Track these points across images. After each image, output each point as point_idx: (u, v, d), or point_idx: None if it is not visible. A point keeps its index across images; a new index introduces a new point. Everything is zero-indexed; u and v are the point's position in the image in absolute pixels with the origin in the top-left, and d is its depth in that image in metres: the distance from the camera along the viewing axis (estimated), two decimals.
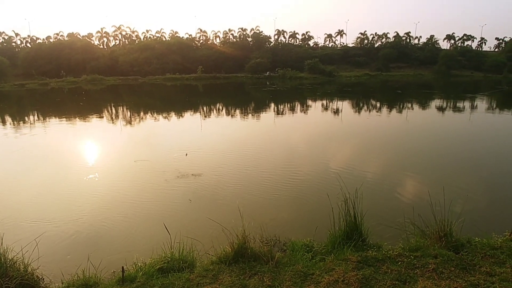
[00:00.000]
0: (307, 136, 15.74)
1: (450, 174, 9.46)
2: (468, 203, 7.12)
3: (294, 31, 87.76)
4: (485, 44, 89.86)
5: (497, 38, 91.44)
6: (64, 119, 21.58)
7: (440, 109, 25.51)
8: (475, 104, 28.54)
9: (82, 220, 6.60)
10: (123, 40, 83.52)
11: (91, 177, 9.33)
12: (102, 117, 22.59)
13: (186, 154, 11.32)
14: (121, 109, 28.08)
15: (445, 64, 69.15)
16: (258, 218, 5.78)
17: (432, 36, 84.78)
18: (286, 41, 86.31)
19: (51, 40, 76.83)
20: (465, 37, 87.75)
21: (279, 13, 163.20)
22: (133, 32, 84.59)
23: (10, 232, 4.15)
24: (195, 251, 4.31)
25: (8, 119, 22.60)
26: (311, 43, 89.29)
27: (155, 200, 7.60)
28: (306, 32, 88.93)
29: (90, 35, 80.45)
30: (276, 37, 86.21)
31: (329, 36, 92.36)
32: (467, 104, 28.61)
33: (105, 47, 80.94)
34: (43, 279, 3.92)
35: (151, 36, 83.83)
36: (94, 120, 20.84)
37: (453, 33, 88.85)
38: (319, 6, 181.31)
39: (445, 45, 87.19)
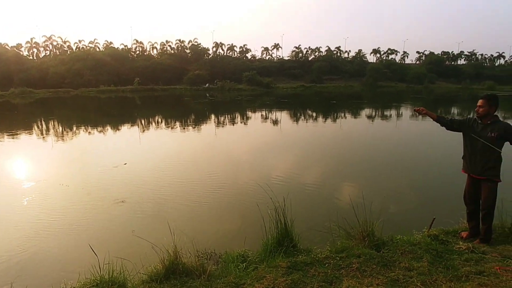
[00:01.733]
0: (242, 147, 15.94)
1: (376, 177, 10.25)
2: (390, 203, 7.77)
3: (232, 44, 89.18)
4: (407, 57, 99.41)
5: (418, 52, 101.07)
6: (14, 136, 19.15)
7: (370, 117, 27.70)
8: (400, 112, 31.48)
9: (3, 246, 5.95)
10: (54, 51, 77.59)
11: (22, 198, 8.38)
12: (31, 133, 20.47)
13: (125, 163, 10.92)
14: (52, 123, 25.75)
15: (372, 76, 75.26)
16: (190, 232, 5.65)
17: (360, 51, 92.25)
18: (225, 54, 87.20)
19: None
20: (389, 51, 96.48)
21: (216, 26, 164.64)
22: (64, 42, 79.09)
23: None
24: (125, 271, 4.05)
25: None
26: (248, 55, 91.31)
27: (82, 220, 7.07)
28: (244, 45, 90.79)
29: (19, 46, 73.53)
30: (214, 49, 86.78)
31: (266, 49, 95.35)
32: (393, 112, 31.44)
33: (35, 58, 74.45)
34: None
35: (84, 47, 79.04)
36: (21, 137, 18.79)
37: (379, 47, 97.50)
38: (255, 20, 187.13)
39: (371, 58, 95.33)
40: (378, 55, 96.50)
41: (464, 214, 5.00)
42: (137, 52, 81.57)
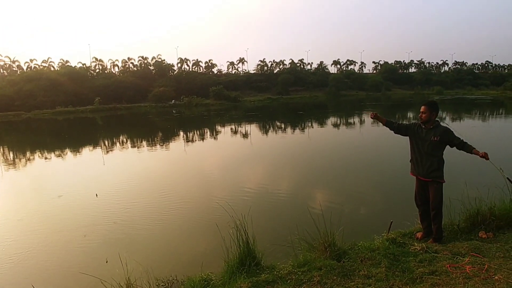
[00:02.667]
0: (205, 163, 15.73)
1: (337, 185, 10.44)
2: (351, 210, 7.88)
3: (197, 59, 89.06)
4: (365, 67, 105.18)
5: (374, 62, 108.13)
6: None
7: (335, 125, 28.44)
8: (363, 119, 32.63)
9: None
10: (1, 71, 73.24)
11: None
12: None
13: (96, 195, 10.12)
14: (2, 150, 24.09)
15: (334, 86, 78.71)
16: (146, 260, 5.38)
17: (321, 62, 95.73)
18: (190, 69, 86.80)
19: None
20: (348, 62, 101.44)
21: (180, 42, 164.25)
22: (13, 62, 74.96)
23: None
24: None
25: None
26: (215, 70, 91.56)
27: (24, 254, 6.55)
28: (209, 60, 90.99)
29: None
30: (179, 65, 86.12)
31: (232, 63, 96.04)
32: (356, 119, 32.53)
33: None
34: None
35: (37, 66, 75.47)
36: None
37: (339, 59, 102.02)
38: (220, 35, 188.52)
39: (333, 69, 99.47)
40: (339, 66, 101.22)
41: (418, 215, 5.18)
42: (97, 70, 79.14)
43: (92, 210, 9.03)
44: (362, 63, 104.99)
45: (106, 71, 78.99)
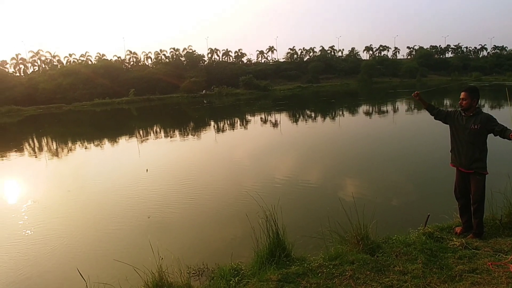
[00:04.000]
0: (236, 154, 15.74)
1: (371, 176, 10.09)
2: (385, 202, 7.61)
3: (227, 49, 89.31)
4: (399, 53, 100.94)
5: (408, 47, 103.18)
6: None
7: (367, 113, 27.57)
8: (396, 106, 31.41)
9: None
10: (43, 66, 77.24)
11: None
12: (23, 152, 20.32)
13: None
14: (46, 141, 25.64)
15: (366, 73, 75.93)
16: (178, 249, 5.49)
17: (353, 49, 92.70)
18: (220, 59, 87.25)
19: None
20: (381, 48, 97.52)
21: (211, 32, 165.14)
22: (54, 56, 78.88)
23: None
24: None
25: None
26: (244, 60, 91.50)
27: (65, 242, 6.92)
28: (239, 50, 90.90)
29: (3, 63, 72.81)
30: (209, 55, 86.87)
31: (261, 52, 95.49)
32: (389, 107, 31.35)
33: (22, 74, 74.02)
34: None
35: (75, 60, 78.97)
36: (11, 156, 18.65)
37: (371, 44, 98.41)
38: (249, 24, 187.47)
39: (365, 55, 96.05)
40: (371, 52, 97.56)
41: (457, 208, 4.90)
42: (131, 63, 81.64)
43: (126, 199, 9.36)
44: (395, 48, 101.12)
45: (139, 64, 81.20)
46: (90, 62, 77.21)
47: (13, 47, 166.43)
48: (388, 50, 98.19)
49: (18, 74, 73.86)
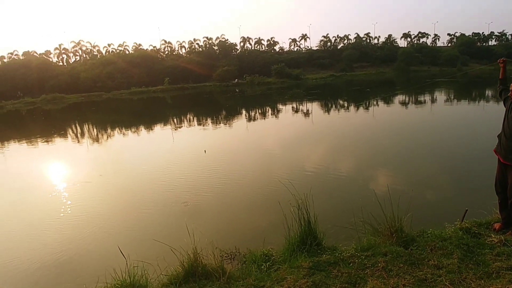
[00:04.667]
0: (268, 142, 15.86)
1: (406, 167, 9.80)
2: (421, 195, 7.39)
3: (259, 38, 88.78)
4: (438, 40, 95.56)
5: (449, 34, 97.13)
6: (26, 142, 20.53)
7: (403, 103, 26.55)
8: (435, 96, 29.99)
9: (33, 251, 6.28)
10: (84, 56, 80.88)
11: (43, 194, 8.98)
12: (67, 137, 21.68)
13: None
14: (87, 127, 27.15)
15: (404, 61, 72.34)
16: (212, 232, 5.69)
17: (390, 36, 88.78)
18: (252, 48, 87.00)
19: (5, 60, 73.08)
20: (420, 35, 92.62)
21: (243, 21, 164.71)
22: (94, 47, 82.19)
23: None
24: (148, 274, 4.14)
25: None
26: (276, 48, 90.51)
27: (107, 223, 7.35)
28: (271, 38, 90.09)
29: (47, 53, 77.25)
30: (242, 44, 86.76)
31: (294, 40, 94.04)
32: (427, 97, 29.98)
33: (64, 64, 77.96)
34: None
35: (114, 50, 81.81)
36: (57, 141, 19.95)
37: (409, 31, 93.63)
38: (282, 12, 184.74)
39: (402, 43, 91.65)
40: (409, 39, 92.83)
41: (497, 203, 4.67)
42: (166, 52, 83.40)
43: (161, 182, 9.77)
44: (435, 35, 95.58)
45: (174, 53, 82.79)
46: (127, 52, 79.76)
47: (56, 38, 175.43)
48: (427, 37, 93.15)
49: (61, 63, 77.96)
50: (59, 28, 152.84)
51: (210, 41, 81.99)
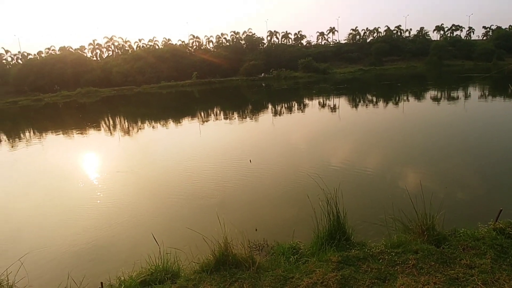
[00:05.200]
0: (295, 136, 15.84)
1: (438, 166, 9.50)
2: (453, 194, 7.18)
3: (286, 31, 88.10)
4: (473, 33, 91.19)
5: (484, 27, 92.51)
6: (62, 133, 21.65)
7: (435, 99, 25.58)
8: (468, 92, 28.66)
9: (70, 236, 6.66)
10: (116, 51, 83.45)
11: (77, 183, 9.76)
12: (100, 129, 22.65)
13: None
14: (119, 120, 28.22)
15: (436, 55, 69.41)
16: (241, 224, 5.81)
17: (422, 28, 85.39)
18: (279, 42, 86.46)
19: (43, 55, 76.58)
20: (453, 28, 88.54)
21: (270, 14, 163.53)
22: (125, 42, 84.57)
23: None
24: (180, 261, 4.33)
25: (5, 136, 22.65)
26: (304, 42, 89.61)
27: (143, 211, 7.66)
28: (299, 32, 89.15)
29: (82, 48, 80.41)
30: (269, 38, 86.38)
31: (321, 34, 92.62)
32: (460, 93, 28.70)
33: (98, 59, 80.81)
34: None
35: (144, 45, 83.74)
36: (91, 133, 20.91)
37: (442, 24, 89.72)
38: (310, 4, 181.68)
39: (435, 36, 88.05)
40: (442, 32, 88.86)
41: None
42: (194, 46, 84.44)
43: (192, 175, 10.02)
44: (470, 28, 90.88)
45: (202, 47, 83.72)
46: (157, 47, 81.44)
47: (90, 33, 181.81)
48: (462, 30, 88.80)
49: (95, 58, 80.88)
50: (93, 24, 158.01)
51: (237, 36, 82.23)
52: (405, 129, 15.32)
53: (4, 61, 76.92)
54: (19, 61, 77.23)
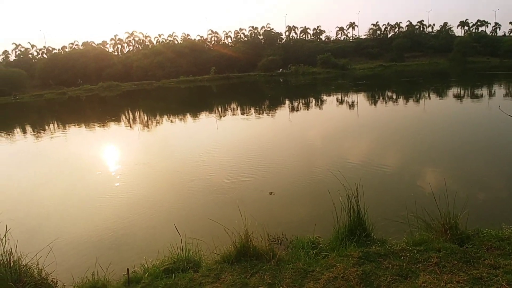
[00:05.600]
0: (314, 132, 15.75)
1: (462, 165, 9.27)
2: (477, 194, 7.01)
3: (305, 26, 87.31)
4: (499, 29, 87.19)
5: (511, 22, 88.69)
6: (84, 126, 22.31)
7: (458, 97, 24.85)
8: (493, 90, 27.71)
9: (94, 224, 6.90)
10: (137, 46, 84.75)
11: (99, 174, 10.14)
12: (120, 122, 23.19)
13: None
14: (139, 114, 28.81)
15: (460, 51, 67.50)
16: (260, 217, 5.86)
17: (445, 24, 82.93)
18: (298, 37, 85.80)
19: (67, 50, 78.79)
20: (479, 23, 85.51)
21: (289, 9, 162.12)
22: (145, 37, 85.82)
23: (24, 239, 4.38)
24: (201, 251, 4.43)
25: (30, 128, 23.52)
26: (322, 37, 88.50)
27: (163, 202, 7.85)
28: (318, 27, 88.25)
29: (104, 43, 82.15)
30: (287, 33, 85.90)
31: (341, 29, 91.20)
32: (484, 91, 27.77)
33: (119, 53, 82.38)
34: (57, 283, 4.13)
35: (164, 40, 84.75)
36: (112, 126, 21.44)
37: (467, 19, 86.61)
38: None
39: (459, 32, 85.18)
40: (466, 27, 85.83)
41: None
42: (213, 42, 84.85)
43: (211, 168, 10.17)
44: (496, 24, 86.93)
45: (220, 43, 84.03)
46: (176, 42, 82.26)
47: (112, 29, 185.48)
48: (487, 26, 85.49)
49: (116, 53, 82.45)
50: (115, 19, 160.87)
51: (255, 31, 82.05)
52: (426, 127, 14.97)
53: (30, 55, 79.66)
54: (44, 55, 79.70)
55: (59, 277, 4.19)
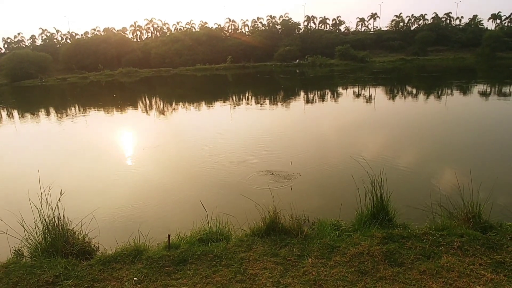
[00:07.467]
0: (334, 123, 15.83)
1: (486, 159, 9.23)
2: (501, 187, 7.00)
3: (324, 17, 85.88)
4: None
5: None
6: (103, 110, 22.91)
7: (483, 94, 24.25)
8: None
9: (132, 197, 7.41)
10: (155, 33, 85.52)
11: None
12: (137, 107, 23.71)
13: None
14: (155, 100, 29.37)
15: (489, 46, 63.38)
16: (287, 197, 6.07)
17: (475, 16, 79.10)
18: (316, 27, 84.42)
19: (89, 36, 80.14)
20: None
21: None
22: (164, 24, 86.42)
23: (70, 207, 4.72)
24: (230, 225, 4.69)
25: (71, 110, 24.33)
26: (342, 28, 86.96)
27: (195, 180, 8.35)
28: (337, 17, 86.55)
29: (124, 29, 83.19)
30: (305, 23, 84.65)
31: (362, 20, 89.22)
32: None
33: (138, 40, 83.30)
34: (99, 247, 4.47)
35: (182, 28, 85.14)
36: (129, 111, 21.97)
37: (499, 12, 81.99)
38: None
39: (490, 25, 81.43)
40: (499, 21, 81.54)
41: None
42: (230, 30, 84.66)
43: (241, 154, 10.49)
44: None
45: (237, 31, 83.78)
46: (194, 30, 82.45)
47: (132, 15, 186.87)
48: None
49: (135, 40, 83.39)
50: (135, 6, 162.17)
51: (273, 20, 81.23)
52: (451, 121, 14.81)
53: (55, 40, 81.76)
54: (68, 40, 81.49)
55: (101, 242, 4.52)
